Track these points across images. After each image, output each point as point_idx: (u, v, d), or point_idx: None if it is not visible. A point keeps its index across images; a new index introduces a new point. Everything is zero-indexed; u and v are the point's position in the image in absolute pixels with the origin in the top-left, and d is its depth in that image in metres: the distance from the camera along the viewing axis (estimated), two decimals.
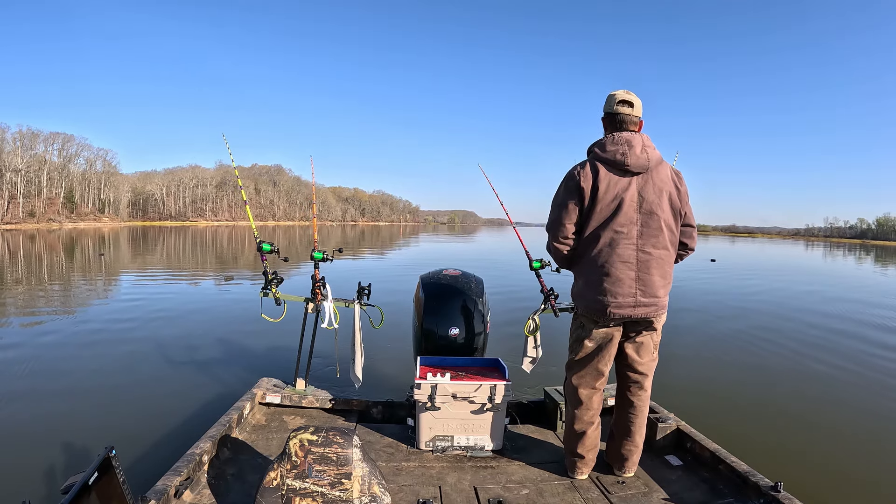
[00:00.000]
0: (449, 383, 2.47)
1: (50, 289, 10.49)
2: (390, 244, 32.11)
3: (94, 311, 7.98)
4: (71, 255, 19.52)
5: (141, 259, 18.42)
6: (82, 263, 16.22)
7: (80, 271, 13.71)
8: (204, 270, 14.74)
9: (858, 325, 8.43)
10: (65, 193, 75.73)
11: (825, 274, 20.66)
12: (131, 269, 14.85)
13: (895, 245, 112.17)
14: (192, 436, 2.38)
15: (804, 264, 26.85)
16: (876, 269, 25.19)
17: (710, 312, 9.08)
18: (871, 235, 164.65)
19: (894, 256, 44.02)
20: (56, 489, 1.46)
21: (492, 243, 38.40)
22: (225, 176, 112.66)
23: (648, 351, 2.25)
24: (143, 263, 16.55)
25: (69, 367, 4.93)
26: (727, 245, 49.66)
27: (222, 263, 17.14)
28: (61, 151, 79.23)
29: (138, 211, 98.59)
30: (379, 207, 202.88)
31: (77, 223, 69.26)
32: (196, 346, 5.83)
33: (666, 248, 2.13)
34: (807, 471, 3.28)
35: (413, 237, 46.85)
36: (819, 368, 5.79)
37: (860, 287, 15.30)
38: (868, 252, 52.33)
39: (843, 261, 32.64)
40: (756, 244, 62.10)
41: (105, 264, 15.51)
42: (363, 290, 3.11)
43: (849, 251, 52.42)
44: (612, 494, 2.17)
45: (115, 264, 15.98)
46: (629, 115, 2.15)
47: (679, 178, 2.20)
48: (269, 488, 1.84)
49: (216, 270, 14.49)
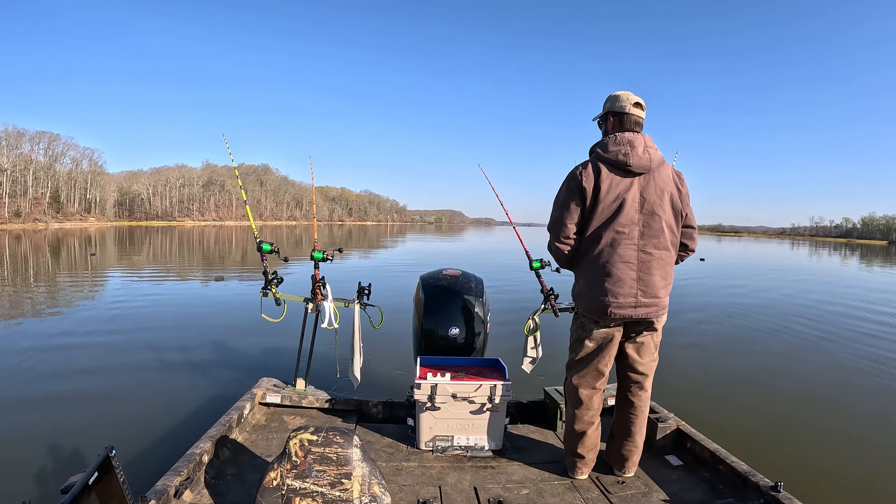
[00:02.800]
0: (449, 383, 2.47)
1: (43, 289, 10.49)
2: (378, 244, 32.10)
3: (91, 311, 7.97)
4: (60, 256, 19.45)
5: (131, 259, 18.38)
6: (73, 264, 16.20)
7: (71, 271, 13.70)
8: (200, 270, 14.74)
9: (858, 326, 8.43)
10: (51, 193, 75.05)
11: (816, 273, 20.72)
12: (124, 269, 14.83)
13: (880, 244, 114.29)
14: (192, 436, 2.38)
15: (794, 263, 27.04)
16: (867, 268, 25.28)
17: (709, 312, 9.08)
18: (857, 234, 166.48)
19: (879, 255, 44.89)
20: (56, 489, 1.45)
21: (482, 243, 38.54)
22: (212, 175, 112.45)
23: (649, 351, 2.26)
24: (135, 263, 16.52)
25: (68, 368, 4.92)
26: (714, 244, 49.90)
27: (212, 264, 17.10)
28: (47, 151, 78.74)
29: (124, 211, 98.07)
30: (366, 207, 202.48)
31: (63, 223, 68.46)
32: (196, 346, 5.83)
33: (667, 248, 2.14)
34: (807, 471, 3.28)
35: (401, 237, 46.72)
36: (819, 368, 5.80)
37: (857, 286, 15.31)
38: (853, 251, 53.13)
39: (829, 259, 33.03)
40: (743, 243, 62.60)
41: (93, 265, 15.45)
42: (363, 290, 3.11)
43: (834, 250, 53.20)
44: (612, 494, 2.17)
45: (105, 264, 15.98)
46: (641, 118, 2.18)
47: (680, 179, 2.20)
48: (269, 488, 1.84)
49: (211, 270, 14.49)
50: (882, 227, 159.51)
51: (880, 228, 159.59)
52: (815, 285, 14.97)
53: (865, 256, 39.68)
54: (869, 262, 31.87)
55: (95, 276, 12.64)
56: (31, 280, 11.88)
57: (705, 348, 6.52)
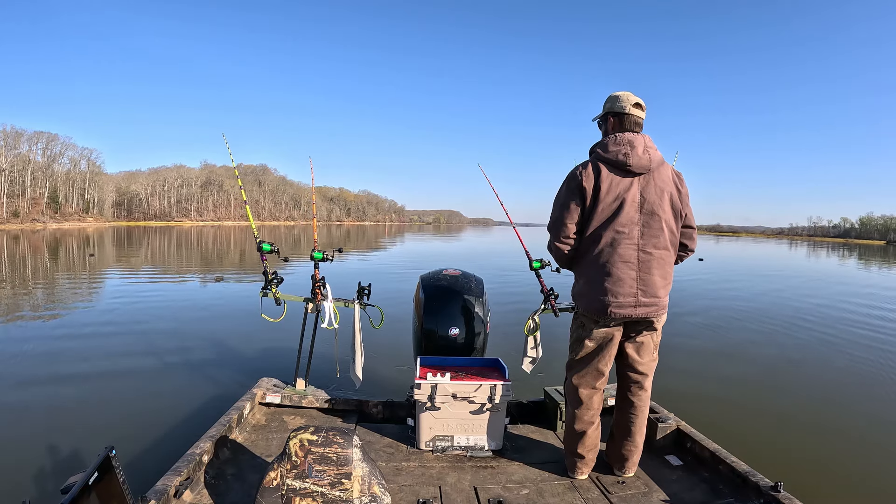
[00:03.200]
0: (449, 383, 2.47)
1: (43, 290, 10.49)
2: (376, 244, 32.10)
3: (90, 311, 7.97)
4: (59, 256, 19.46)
5: (130, 260, 18.36)
6: (71, 264, 16.18)
7: (71, 272, 13.69)
8: (199, 271, 14.74)
9: (858, 324, 8.44)
10: (49, 193, 74.93)
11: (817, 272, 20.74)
12: (122, 269, 14.83)
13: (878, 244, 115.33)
14: (192, 436, 2.38)
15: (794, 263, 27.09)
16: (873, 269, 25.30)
17: (709, 313, 9.09)
18: (854, 234, 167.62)
19: (877, 255, 45.16)
20: (56, 489, 1.45)
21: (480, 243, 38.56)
22: (210, 176, 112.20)
23: (649, 351, 2.26)
24: (133, 264, 16.52)
25: (68, 368, 4.92)
26: (713, 245, 50.07)
27: (210, 264, 17.10)
28: (45, 151, 78.66)
29: (122, 211, 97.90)
30: (364, 207, 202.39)
31: (61, 223, 68.30)
32: (196, 346, 5.83)
33: (667, 248, 2.14)
34: (807, 471, 3.29)
35: (399, 237, 46.69)
36: (819, 368, 5.80)
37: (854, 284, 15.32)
38: (851, 251, 53.39)
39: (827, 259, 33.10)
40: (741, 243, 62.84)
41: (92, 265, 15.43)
42: (363, 290, 3.11)
43: (832, 250, 53.38)
44: (612, 494, 2.17)
45: (104, 265, 15.95)
46: (641, 118, 2.18)
47: (680, 179, 2.21)
48: (269, 488, 1.84)
49: (210, 271, 14.48)
50: (880, 227, 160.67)
51: (878, 228, 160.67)
52: (810, 286, 14.98)
53: (863, 256, 39.87)
54: (867, 262, 32.05)
55: (94, 277, 12.64)
56: (30, 280, 11.89)
57: (705, 349, 6.52)
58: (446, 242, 38.23)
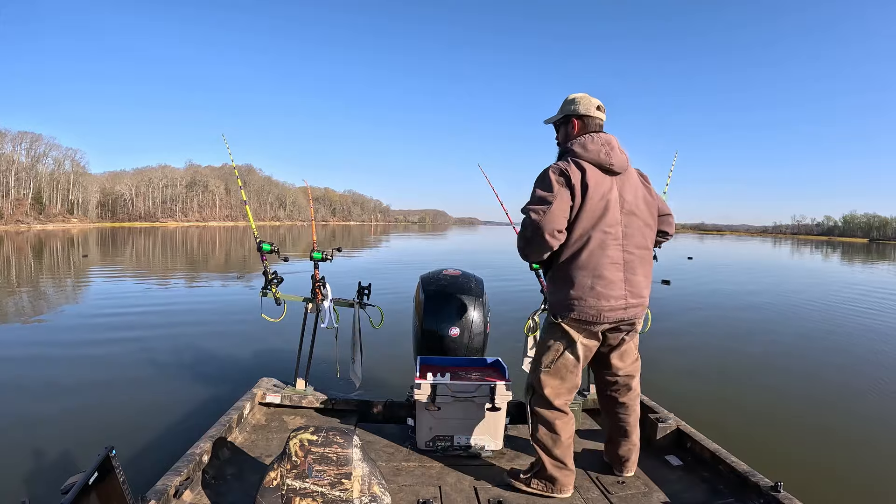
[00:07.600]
0: (449, 383, 2.47)
1: (38, 291, 10.49)
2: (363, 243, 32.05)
3: (89, 311, 7.98)
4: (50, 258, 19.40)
5: (121, 260, 18.34)
6: (59, 265, 16.15)
7: (63, 273, 13.68)
8: (197, 271, 14.74)
9: (858, 324, 8.43)
10: (33, 194, 73.92)
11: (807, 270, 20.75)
12: (116, 269, 14.80)
13: (861, 241, 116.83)
14: (192, 436, 2.38)
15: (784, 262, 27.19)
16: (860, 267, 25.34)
17: (707, 313, 9.09)
18: (838, 232, 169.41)
19: (860, 252, 45.60)
20: (56, 489, 1.45)
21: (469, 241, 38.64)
22: (195, 176, 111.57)
23: (631, 355, 2.24)
24: (126, 265, 16.49)
25: (67, 368, 4.93)
26: (698, 243, 50.30)
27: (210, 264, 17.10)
28: (29, 151, 77.23)
29: (107, 212, 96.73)
30: (350, 207, 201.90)
31: (45, 224, 67.23)
32: (195, 346, 5.83)
33: (647, 247, 2.14)
34: (807, 471, 3.28)
35: (385, 237, 46.51)
36: (819, 368, 5.80)
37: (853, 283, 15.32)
38: (835, 248, 53.86)
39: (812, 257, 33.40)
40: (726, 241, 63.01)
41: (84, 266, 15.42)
42: (363, 290, 3.11)
43: (816, 248, 53.74)
44: (612, 494, 2.17)
45: (98, 264, 15.94)
46: (602, 120, 2.16)
47: (646, 179, 2.22)
48: (269, 488, 1.84)
49: (210, 271, 14.48)
50: (863, 225, 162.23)
51: (861, 226, 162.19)
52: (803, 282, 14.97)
53: (847, 254, 40.23)
54: (850, 259, 32.39)
55: (88, 278, 12.63)
56: (24, 282, 11.88)
57: (704, 349, 6.51)
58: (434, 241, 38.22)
